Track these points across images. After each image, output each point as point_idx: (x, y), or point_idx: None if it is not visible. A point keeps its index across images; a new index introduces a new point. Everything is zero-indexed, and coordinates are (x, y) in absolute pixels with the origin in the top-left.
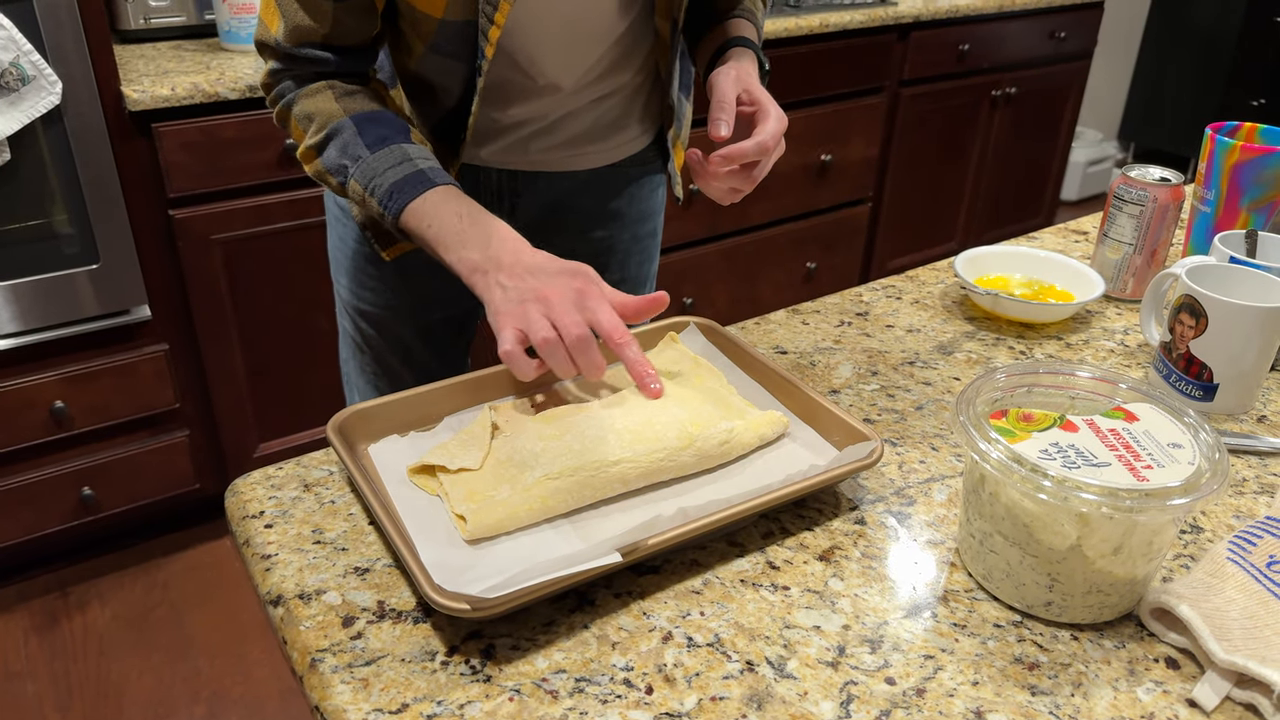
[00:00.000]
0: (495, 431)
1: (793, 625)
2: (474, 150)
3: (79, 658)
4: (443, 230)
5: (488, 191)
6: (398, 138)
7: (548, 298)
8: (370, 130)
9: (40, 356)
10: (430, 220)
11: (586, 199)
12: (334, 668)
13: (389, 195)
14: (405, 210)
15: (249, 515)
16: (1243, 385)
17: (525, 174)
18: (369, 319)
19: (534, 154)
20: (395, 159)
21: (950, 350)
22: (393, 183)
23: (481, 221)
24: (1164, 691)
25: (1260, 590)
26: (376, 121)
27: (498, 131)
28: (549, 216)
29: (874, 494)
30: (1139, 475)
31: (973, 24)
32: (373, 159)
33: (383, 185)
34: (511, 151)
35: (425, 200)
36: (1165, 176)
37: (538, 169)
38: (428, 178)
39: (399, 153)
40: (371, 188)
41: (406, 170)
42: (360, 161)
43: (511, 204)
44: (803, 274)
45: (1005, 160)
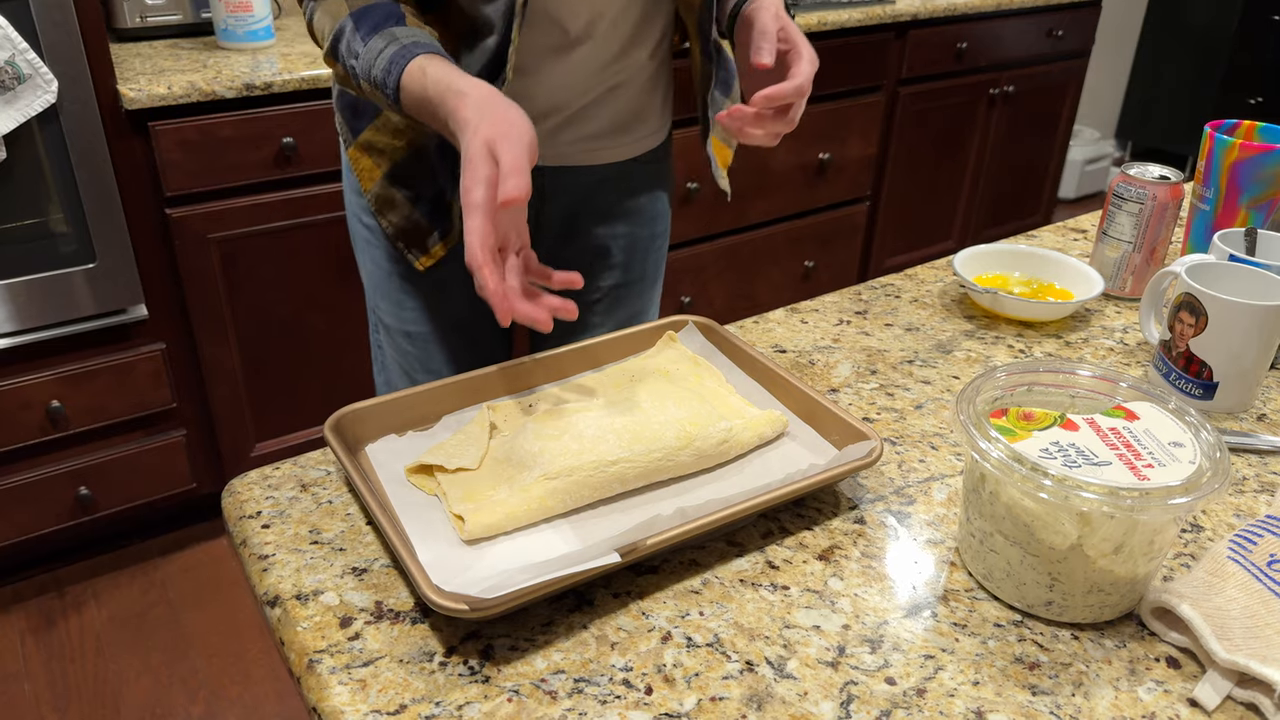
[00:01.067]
0: (493, 431)
1: (792, 625)
2: None
3: (76, 658)
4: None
5: None
6: (389, 23)
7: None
8: (365, 22)
9: (36, 356)
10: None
11: (608, 195)
12: (332, 668)
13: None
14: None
15: (246, 515)
16: (1243, 383)
17: (551, 170)
18: (412, 340)
19: (562, 146)
20: (383, 43)
21: (949, 349)
22: (385, 66)
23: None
24: (1165, 691)
25: (1261, 589)
26: (370, 12)
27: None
28: (574, 213)
29: (874, 493)
30: (1140, 474)
31: (970, 22)
32: (365, 50)
33: (377, 69)
34: (541, 145)
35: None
36: (1165, 175)
37: (564, 163)
38: (411, 50)
39: (386, 35)
40: (373, 79)
41: (392, 49)
42: (359, 58)
43: (536, 204)
44: (801, 273)
45: (1003, 158)
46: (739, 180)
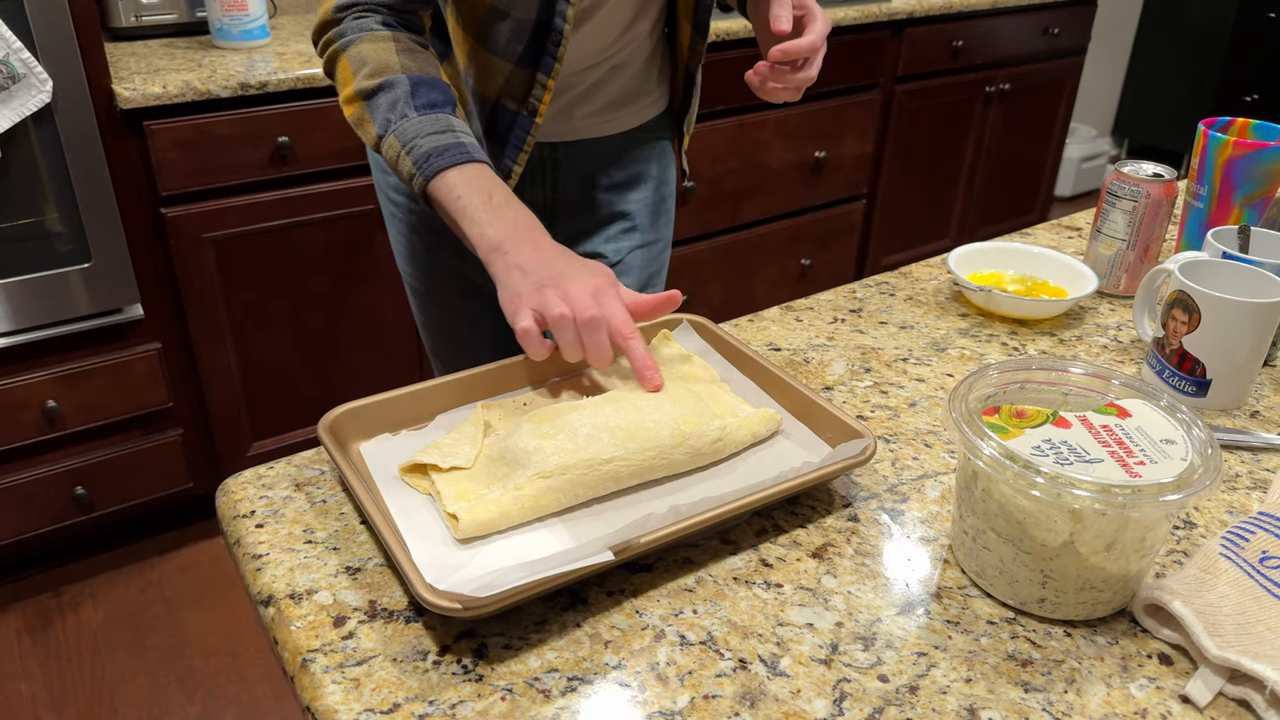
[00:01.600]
0: (487, 430)
1: (786, 623)
2: None
3: (72, 658)
4: (470, 204)
5: (532, 165)
6: (447, 108)
7: (565, 286)
8: (424, 93)
9: (32, 356)
10: (461, 192)
11: (618, 165)
12: (325, 668)
13: (425, 158)
14: (438, 176)
15: (240, 515)
16: (1236, 381)
17: (564, 145)
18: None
19: (576, 121)
20: (439, 126)
21: (943, 347)
22: (432, 147)
23: (511, 205)
24: (1157, 688)
25: (1253, 586)
26: (432, 87)
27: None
28: (590, 183)
29: (867, 491)
30: (1132, 471)
31: (966, 20)
32: (418, 120)
33: (421, 148)
34: (557, 122)
35: (461, 171)
36: (1158, 172)
37: (576, 137)
38: (467, 151)
39: (444, 121)
40: (410, 147)
41: (448, 140)
42: (406, 120)
43: (554, 176)
44: (797, 271)
45: (999, 156)
46: (736, 179)
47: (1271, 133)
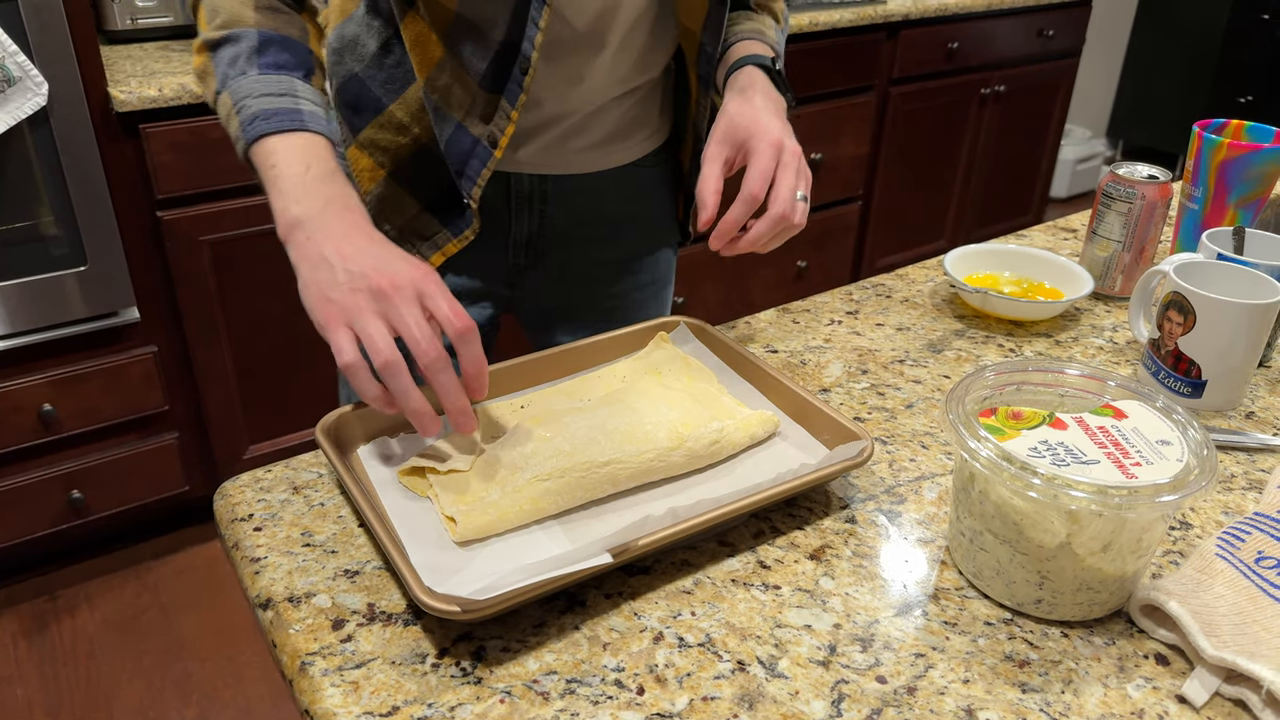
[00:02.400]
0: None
1: (784, 624)
2: (510, 154)
3: (68, 662)
4: (283, 174)
5: (519, 197)
6: (296, 71)
7: (384, 290)
8: (272, 53)
9: (28, 359)
10: (277, 160)
11: (613, 200)
12: (324, 671)
13: (251, 120)
14: (261, 140)
15: (238, 518)
16: (1231, 382)
17: (556, 177)
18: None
19: (570, 153)
20: (279, 88)
21: (940, 348)
22: (261, 109)
23: (330, 182)
24: (1154, 688)
25: (1249, 586)
26: (284, 47)
27: (538, 128)
28: (580, 220)
29: (864, 492)
30: (1128, 472)
31: (961, 22)
32: (256, 79)
33: (250, 108)
34: (549, 152)
35: (286, 139)
36: (1153, 174)
37: (570, 170)
38: (301, 118)
39: (285, 84)
40: (240, 106)
41: (284, 104)
42: (244, 77)
43: (541, 210)
44: (793, 273)
45: (994, 158)
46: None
47: (1266, 134)
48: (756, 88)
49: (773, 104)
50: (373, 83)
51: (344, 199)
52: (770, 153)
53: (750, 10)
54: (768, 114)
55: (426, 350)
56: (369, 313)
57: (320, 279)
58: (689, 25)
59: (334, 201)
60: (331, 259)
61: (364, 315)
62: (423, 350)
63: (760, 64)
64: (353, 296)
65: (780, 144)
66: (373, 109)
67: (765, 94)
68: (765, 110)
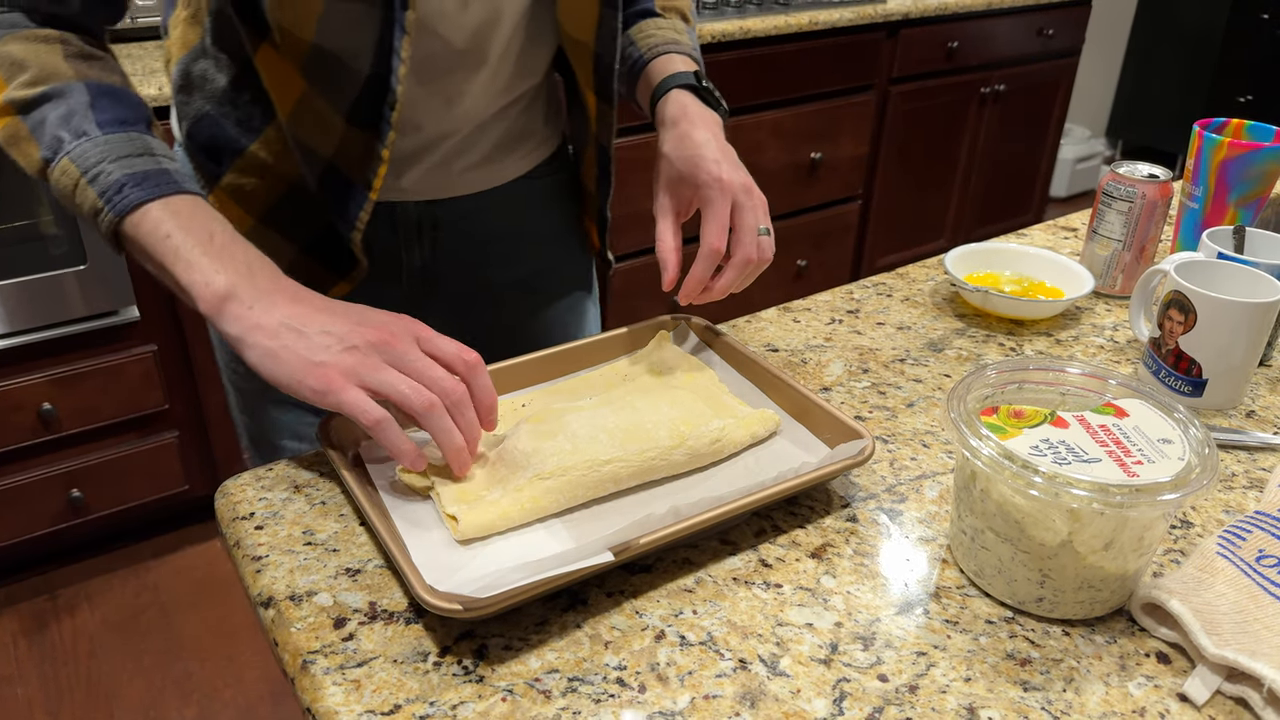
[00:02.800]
0: None
1: (785, 623)
2: (393, 181)
3: (68, 661)
4: (184, 244)
5: (407, 227)
6: (139, 125)
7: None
8: (107, 106)
9: (28, 358)
10: (170, 229)
11: (506, 219)
12: (326, 669)
13: (118, 188)
14: (138, 210)
15: (239, 517)
16: (1231, 380)
17: (444, 201)
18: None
19: (456, 175)
20: (135, 148)
21: (941, 347)
22: (127, 175)
23: (240, 244)
24: (1155, 686)
25: (1250, 584)
26: (119, 100)
27: (419, 151)
28: (473, 246)
29: (866, 491)
30: (1129, 471)
31: (961, 21)
32: (104, 141)
33: (111, 175)
34: (434, 176)
35: (169, 205)
36: (1154, 173)
37: (459, 192)
38: (174, 179)
39: (140, 143)
40: (94, 174)
41: (148, 165)
42: (86, 139)
43: (434, 239)
44: (793, 272)
45: (994, 157)
46: None
47: (1266, 133)
48: (688, 116)
49: (710, 131)
50: (227, 121)
51: (262, 260)
52: (722, 199)
53: (658, 16)
54: (709, 148)
55: (452, 389)
56: (379, 365)
57: (292, 345)
58: (578, 36)
59: (256, 265)
60: (294, 324)
61: (376, 370)
62: (448, 390)
63: (686, 84)
64: (351, 355)
65: (729, 184)
66: (231, 151)
67: (700, 121)
68: (706, 144)
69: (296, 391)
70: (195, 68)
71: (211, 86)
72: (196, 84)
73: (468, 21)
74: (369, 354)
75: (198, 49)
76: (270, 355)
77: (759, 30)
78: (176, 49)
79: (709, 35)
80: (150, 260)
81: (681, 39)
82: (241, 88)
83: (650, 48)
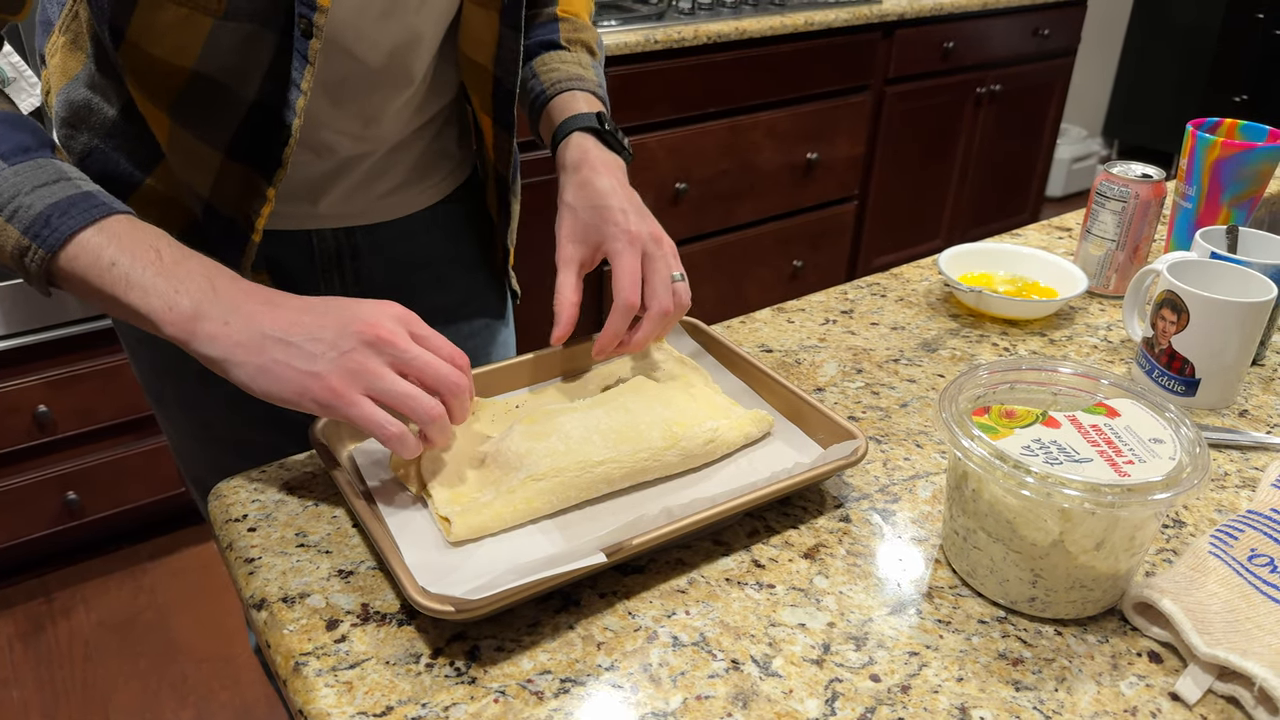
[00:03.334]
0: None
1: (778, 623)
2: (309, 207)
3: (65, 664)
4: (133, 269)
5: (324, 256)
6: (44, 151)
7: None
8: (6, 136)
9: (23, 360)
10: (114, 255)
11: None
12: (318, 671)
13: (43, 221)
14: (71, 241)
15: (232, 519)
16: (1224, 380)
17: (364, 229)
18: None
19: (375, 199)
20: (48, 176)
21: (934, 347)
22: (49, 205)
23: (191, 256)
24: (1147, 685)
25: (1242, 584)
26: (14, 126)
27: (334, 174)
28: (395, 274)
29: (859, 491)
30: (1121, 471)
31: (957, 22)
32: (12, 172)
33: (32, 208)
34: (352, 201)
35: (103, 229)
36: (1147, 173)
37: (378, 218)
38: (100, 201)
39: (51, 169)
40: (12, 210)
41: (68, 190)
42: None
43: (354, 269)
44: (789, 272)
45: (990, 157)
46: (727, 180)
47: (1259, 133)
48: (589, 162)
49: (613, 178)
50: (119, 155)
51: (218, 270)
52: (631, 251)
53: (562, 49)
54: (614, 196)
55: (457, 382)
56: (379, 370)
57: (283, 359)
58: (476, 59)
59: (215, 275)
60: (279, 334)
61: (378, 376)
62: (453, 384)
63: (587, 127)
64: (348, 360)
65: (637, 235)
66: (126, 186)
67: (603, 167)
68: (610, 193)
69: (299, 406)
70: (77, 97)
71: (99, 118)
72: (81, 115)
73: (384, 41)
74: (366, 356)
75: (81, 77)
76: (262, 372)
77: (754, 31)
78: (56, 78)
79: (705, 36)
80: (97, 294)
81: (586, 74)
82: (132, 118)
83: (553, 83)
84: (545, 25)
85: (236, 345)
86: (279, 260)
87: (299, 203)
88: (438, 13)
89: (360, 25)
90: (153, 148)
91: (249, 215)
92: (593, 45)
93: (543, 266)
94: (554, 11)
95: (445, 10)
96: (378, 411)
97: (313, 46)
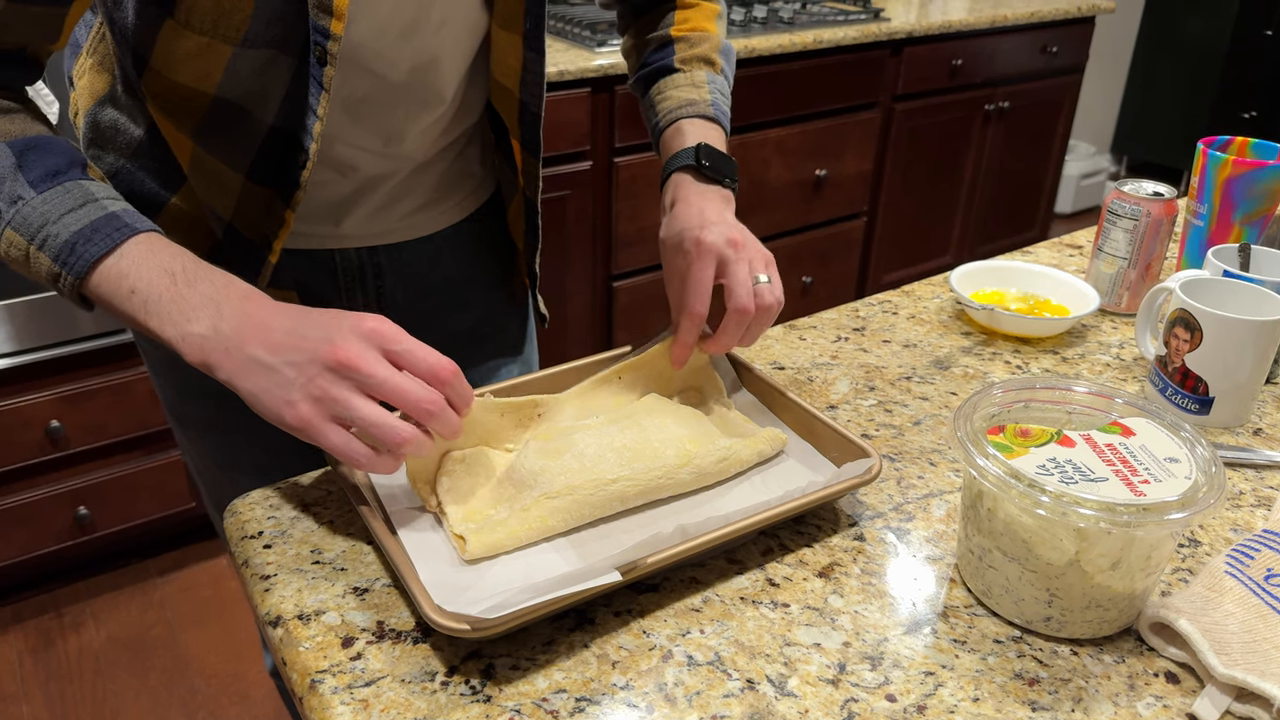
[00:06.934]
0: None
1: (793, 643)
2: (332, 228)
3: (74, 679)
4: (150, 295)
5: (348, 275)
6: (74, 172)
7: (344, 363)
8: (36, 162)
9: (36, 376)
10: (134, 282)
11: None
12: (334, 689)
13: (69, 250)
14: (95, 269)
15: (247, 535)
16: (1238, 398)
17: (387, 248)
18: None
19: (398, 218)
20: (75, 200)
21: (947, 365)
22: (75, 232)
23: (202, 278)
24: (1164, 706)
25: (1259, 604)
26: (45, 150)
27: (358, 194)
28: (419, 294)
29: (873, 510)
30: (1136, 490)
31: (965, 39)
32: (41, 201)
33: (60, 237)
34: (375, 220)
35: (123, 255)
36: (1158, 191)
37: (402, 237)
38: (123, 222)
39: (79, 192)
40: (43, 240)
41: (94, 215)
42: (21, 204)
43: (377, 288)
44: (798, 288)
45: (999, 174)
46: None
47: (1270, 151)
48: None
49: (701, 203)
50: (145, 175)
51: (226, 286)
52: (700, 261)
53: (676, 72)
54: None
55: (430, 405)
56: (347, 396)
57: (266, 386)
58: (505, 83)
59: (221, 296)
60: (263, 358)
61: (347, 404)
62: (424, 408)
63: (684, 166)
64: (314, 386)
65: (708, 245)
66: (152, 206)
67: (695, 198)
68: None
69: (287, 430)
70: (105, 117)
71: (124, 138)
72: (108, 136)
73: (403, 61)
74: (330, 383)
75: (107, 97)
76: (252, 397)
77: (764, 49)
78: (84, 99)
79: None
80: (123, 318)
81: (698, 95)
82: (157, 139)
83: (666, 113)
84: (660, 50)
85: (237, 372)
86: (305, 280)
87: (322, 223)
88: (458, 34)
89: (378, 47)
90: (177, 168)
91: (268, 237)
92: (711, 56)
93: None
94: (668, 34)
95: (467, 32)
96: (350, 440)
97: (327, 73)
